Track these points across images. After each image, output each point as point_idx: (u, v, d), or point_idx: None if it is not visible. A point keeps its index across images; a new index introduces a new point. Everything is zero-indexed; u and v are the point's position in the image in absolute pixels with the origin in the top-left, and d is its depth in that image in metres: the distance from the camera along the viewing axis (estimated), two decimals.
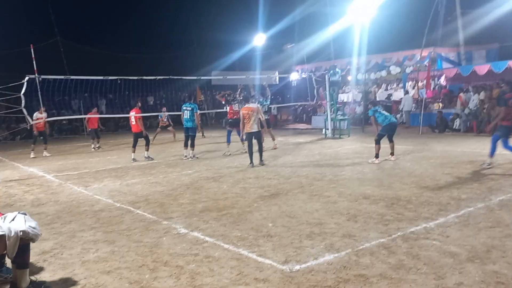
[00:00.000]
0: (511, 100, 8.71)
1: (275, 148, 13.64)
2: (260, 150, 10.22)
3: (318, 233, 5.14)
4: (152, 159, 12.52)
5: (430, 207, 6.05)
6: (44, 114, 14.23)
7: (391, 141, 10.45)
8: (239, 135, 13.09)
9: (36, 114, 13.92)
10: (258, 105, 10.39)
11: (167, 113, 18.24)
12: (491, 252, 4.30)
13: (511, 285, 3.60)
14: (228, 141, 13.43)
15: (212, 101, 31.70)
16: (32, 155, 14.64)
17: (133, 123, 12.48)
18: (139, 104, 12.71)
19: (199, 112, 12.60)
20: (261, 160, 10.26)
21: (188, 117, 12.07)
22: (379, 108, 10.60)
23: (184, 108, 12.21)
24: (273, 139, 13.97)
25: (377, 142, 10.23)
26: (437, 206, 6.07)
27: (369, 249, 4.53)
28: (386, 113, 10.51)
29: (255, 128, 9.91)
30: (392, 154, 10.48)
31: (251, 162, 10.07)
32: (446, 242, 4.64)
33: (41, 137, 15.02)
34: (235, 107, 13.30)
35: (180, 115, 12.61)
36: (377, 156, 10.18)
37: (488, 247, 4.44)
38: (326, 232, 5.14)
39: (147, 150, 12.65)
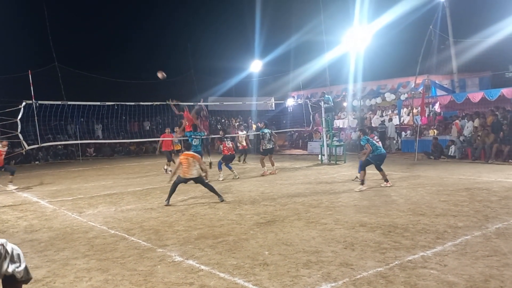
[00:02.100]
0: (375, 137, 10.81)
1: (272, 173, 13.83)
2: (212, 189, 9.55)
3: (315, 261, 5.09)
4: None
5: (427, 235, 6.02)
6: (5, 148, 13.37)
7: (380, 170, 10.45)
8: (229, 168, 13.65)
9: None
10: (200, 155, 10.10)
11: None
12: (489, 282, 4.26)
13: None
14: (220, 168, 13.70)
15: (208, 126, 31.80)
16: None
17: None
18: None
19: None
20: (219, 196, 9.46)
21: (198, 143, 12.75)
22: (371, 138, 10.56)
23: (194, 136, 12.74)
24: (272, 165, 14.26)
25: (363, 168, 10.20)
26: (434, 234, 6.05)
27: (367, 279, 4.48)
28: (378, 144, 10.57)
29: (194, 174, 9.25)
30: (386, 180, 10.45)
31: (168, 199, 9.30)
32: (444, 271, 4.60)
33: (3, 169, 13.58)
34: (228, 143, 13.65)
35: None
36: (362, 182, 10.13)
37: (486, 276, 4.41)
38: (323, 261, 5.09)
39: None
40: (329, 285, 4.36)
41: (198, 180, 9.44)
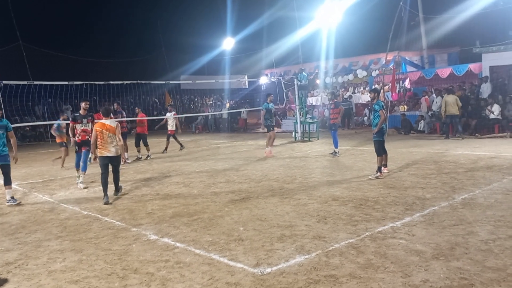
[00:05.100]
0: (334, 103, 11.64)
1: (271, 155, 12.51)
2: (117, 180, 7.98)
3: (289, 235, 5.19)
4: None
5: (397, 207, 6.20)
6: None
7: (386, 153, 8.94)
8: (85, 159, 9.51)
9: None
10: (118, 123, 7.91)
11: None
12: (454, 249, 4.45)
13: (474, 280, 3.73)
14: (77, 166, 9.69)
15: (182, 105, 31.50)
16: None
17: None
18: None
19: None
20: (116, 190, 8.04)
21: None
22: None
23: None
24: (267, 145, 12.86)
25: (383, 151, 8.78)
26: (403, 206, 6.24)
27: (339, 250, 4.61)
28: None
29: (112, 152, 7.61)
30: (381, 169, 8.73)
31: (106, 195, 7.58)
32: (412, 240, 4.77)
33: None
34: (83, 125, 9.43)
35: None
36: (385, 165, 8.86)
37: (452, 244, 4.60)
38: (296, 234, 5.19)
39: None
40: (303, 257, 4.47)
41: (115, 161, 7.67)
